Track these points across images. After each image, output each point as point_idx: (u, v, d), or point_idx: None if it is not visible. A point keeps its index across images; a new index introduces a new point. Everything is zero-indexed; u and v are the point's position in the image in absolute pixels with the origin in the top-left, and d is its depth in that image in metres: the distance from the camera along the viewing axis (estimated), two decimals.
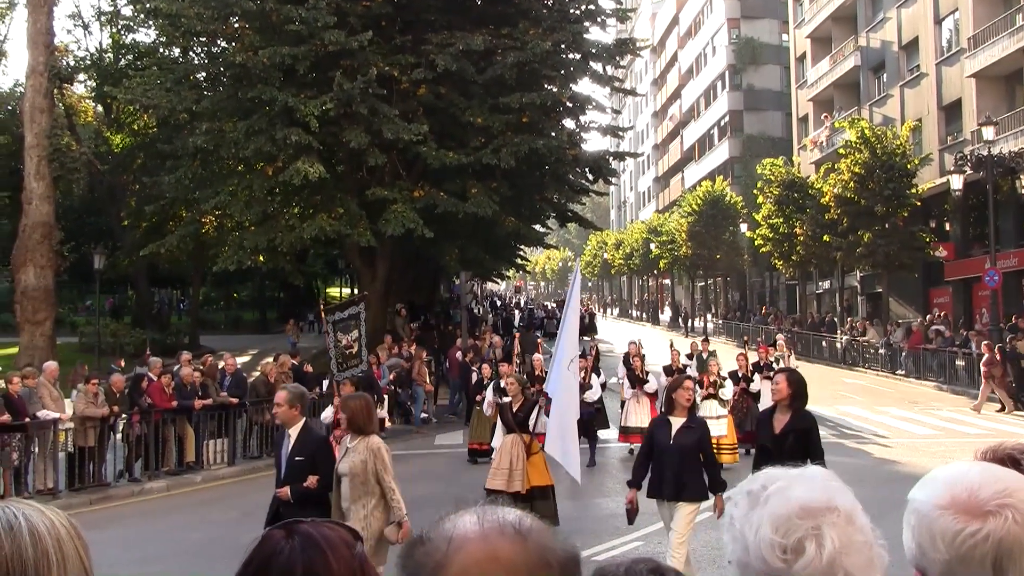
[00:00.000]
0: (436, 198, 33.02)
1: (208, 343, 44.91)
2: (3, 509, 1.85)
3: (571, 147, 36.43)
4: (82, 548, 1.88)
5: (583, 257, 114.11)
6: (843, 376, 40.74)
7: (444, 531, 1.59)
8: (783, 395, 9.89)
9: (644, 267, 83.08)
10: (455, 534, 1.57)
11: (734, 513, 1.98)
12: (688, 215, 65.19)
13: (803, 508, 1.88)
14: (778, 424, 9.94)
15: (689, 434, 10.71)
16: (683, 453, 10.66)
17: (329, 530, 1.97)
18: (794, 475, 1.98)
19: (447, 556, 1.55)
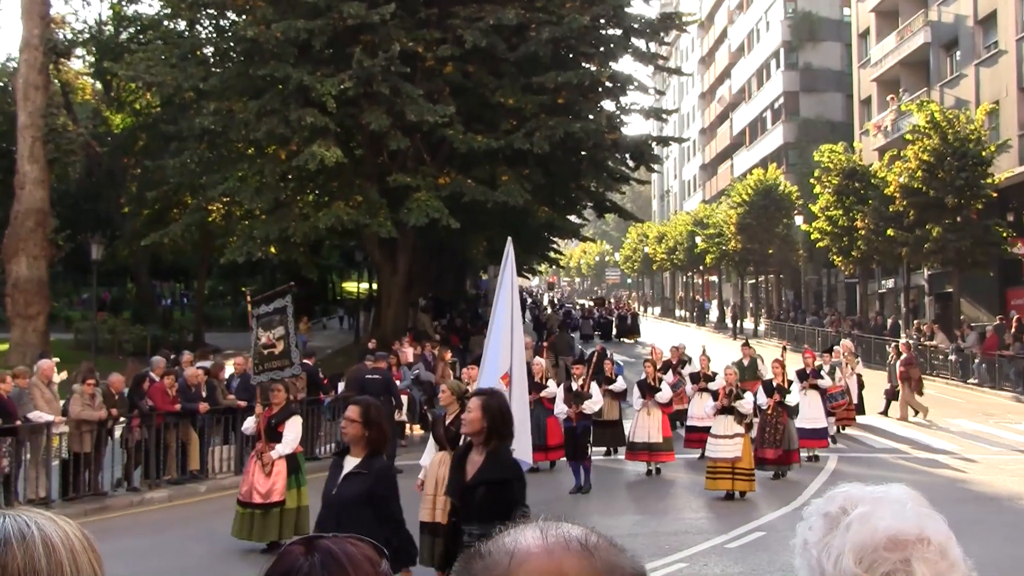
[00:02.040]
0: (463, 185, 33.06)
1: (214, 341, 45.12)
2: (14, 518, 1.87)
3: (610, 131, 36.38)
4: (96, 560, 1.90)
5: (622, 251, 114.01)
6: None
7: (504, 545, 1.58)
8: (475, 427, 7.95)
9: (688, 263, 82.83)
10: (517, 548, 1.56)
11: (808, 537, 1.96)
12: (737, 206, 64.94)
13: (891, 539, 1.85)
14: (471, 469, 8.05)
15: (356, 482, 8.29)
16: (344, 508, 8.24)
17: (352, 546, 1.98)
18: (878, 498, 1.96)
19: (509, 571, 1.54)
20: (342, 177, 34.59)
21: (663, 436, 21.31)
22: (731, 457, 18.49)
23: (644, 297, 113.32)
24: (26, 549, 1.82)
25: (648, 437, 21.20)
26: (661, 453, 21.32)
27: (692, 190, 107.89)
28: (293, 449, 15.21)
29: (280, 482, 15.00)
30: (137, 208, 48.96)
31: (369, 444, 8.29)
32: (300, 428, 15.58)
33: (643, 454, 21.33)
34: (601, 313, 67.74)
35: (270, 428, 15.14)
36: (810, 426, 22.74)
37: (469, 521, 7.72)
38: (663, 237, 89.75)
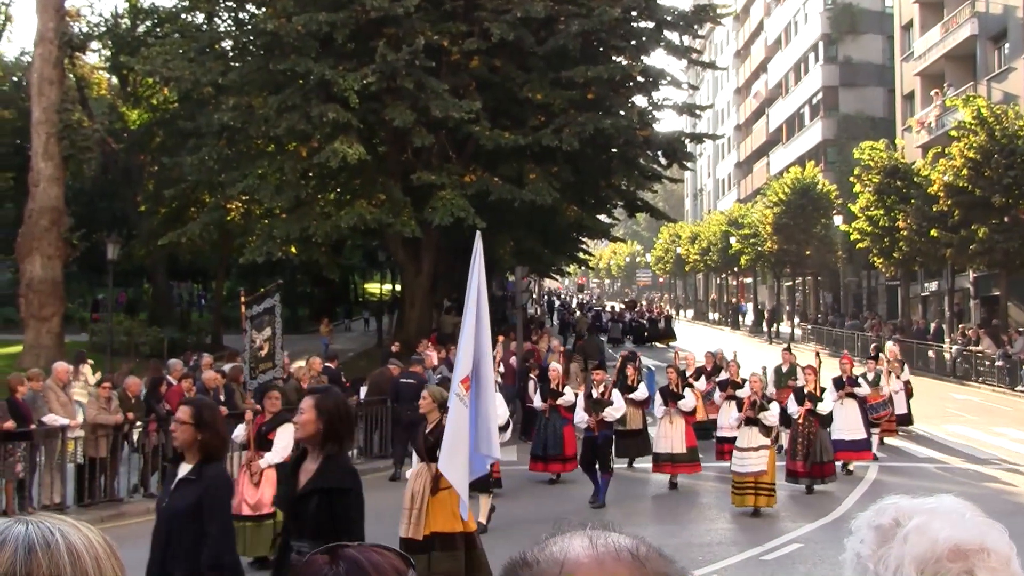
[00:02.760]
0: (489, 184, 33.09)
1: (232, 343, 45.23)
2: (37, 525, 1.88)
3: (642, 127, 36.34)
4: (119, 568, 1.91)
5: (653, 252, 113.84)
6: (952, 391, 40.25)
7: (553, 554, 1.58)
8: (308, 430, 7.23)
9: (723, 264, 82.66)
10: (567, 558, 1.57)
11: (860, 550, 1.96)
12: (774, 205, 64.76)
13: (953, 549, 1.85)
14: (303, 477, 7.36)
15: (186, 491, 7.40)
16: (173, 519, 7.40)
17: (378, 555, 1.98)
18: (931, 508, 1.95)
19: None
20: (365, 175, 34.67)
21: (687, 446, 20.86)
22: (755, 472, 18.10)
23: (676, 300, 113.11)
24: (51, 557, 1.83)
25: (671, 447, 20.77)
26: (684, 464, 20.91)
27: (726, 189, 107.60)
28: (284, 458, 14.85)
29: (270, 493, 14.80)
30: (154, 206, 49.17)
31: (202, 449, 7.40)
32: (292, 436, 15.10)
33: (666, 465, 20.89)
34: (633, 316, 67.65)
35: (260, 436, 15.09)
36: (849, 437, 22.32)
37: (300, 536, 7.16)
38: (696, 237, 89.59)
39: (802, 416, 20.28)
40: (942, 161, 43.88)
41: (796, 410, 20.39)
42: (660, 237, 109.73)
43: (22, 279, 38.65)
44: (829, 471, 20.34)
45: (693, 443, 21.13)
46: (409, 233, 33.02)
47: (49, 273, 37.68)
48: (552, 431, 21.58)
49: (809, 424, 20.26)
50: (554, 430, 21.51)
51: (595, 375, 20.35)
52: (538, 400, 22.25)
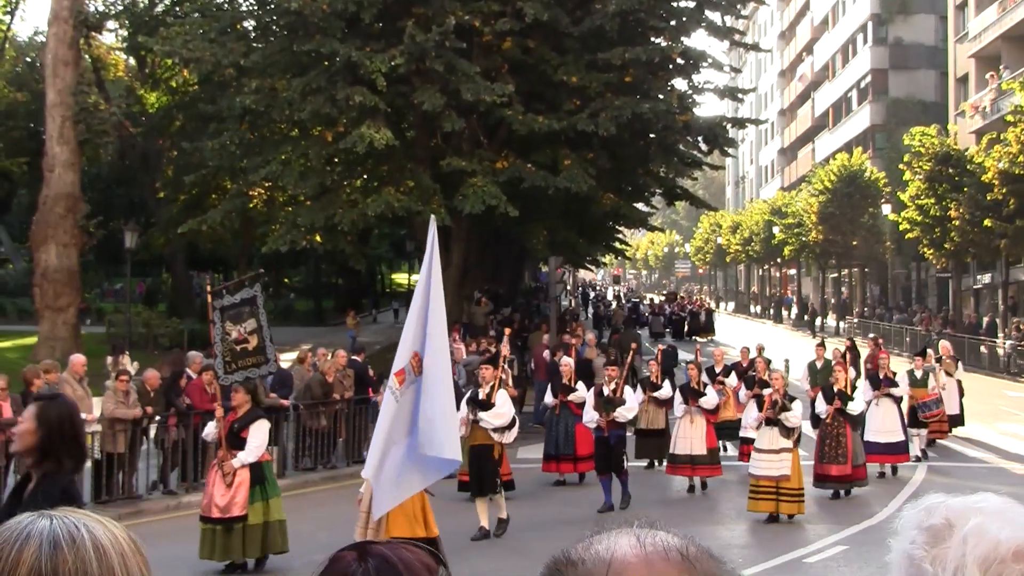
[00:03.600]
0: (522, 170, 33.06)
1: None
2: (62, 520, 1.89)
3: (682, 112, 36.23)
4: (144, 565, 1.92)
5: (693, 242, 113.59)
6: (1006, 389, 40.06)
7: (599, 553, 1.59)
8: (25, 442, 6.32)
9: (765, 254, 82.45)
10: (614, 557, 1.58)
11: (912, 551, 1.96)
12: (819, 193, 64.56)
13: (1018, 551, 1.86)
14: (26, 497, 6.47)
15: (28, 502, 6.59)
16: None
17: (408, 552, 1.98)
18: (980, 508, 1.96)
19: None
20: (392, 161, 34.69)
21: (707, 447, 20.54)
22: (776, 475, 17.66)
23: (716, 292, 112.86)
24: (77, 553, 1.84)
25: (691, 449, 20.41)
26: (704, 467, 20.57)
27: (770, 176, 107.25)
28: (257, 457, 14.88)
29: (241, 495, 14.65)
30: (173, 193, 49.41)
31: (42, 458, 6.32)
32: (266, 434, 15.22)
33: (685, 467, 20.57)
34: (672, 309, 67.58)
35: (232, 434, 14.88)
36: (884, 439, 21.98)
37: None
38: (738, 227, 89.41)
39: (830, 416, 19.87)
40: (997, 147, 43.59)
41: (824, 409, 20.01)
42: (700, 226, 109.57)
43: (37, 268, 38.88)
44: (861, 475, 19.91)
45: (714, 444, 20.91)
46: (439, 222, 32.97)
47: (65, 262, 37.89)
48: (563, 429, 21.40)
49: (839, 424, 19.86)
50: (565, 428, 21.31)
51: (608, 371, 19.82)
52: (549, 396, 22.12)
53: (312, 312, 67.81)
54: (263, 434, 14.97)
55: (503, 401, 16.99)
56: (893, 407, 22.48)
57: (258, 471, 14.88)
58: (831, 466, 19.69)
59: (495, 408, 16.70)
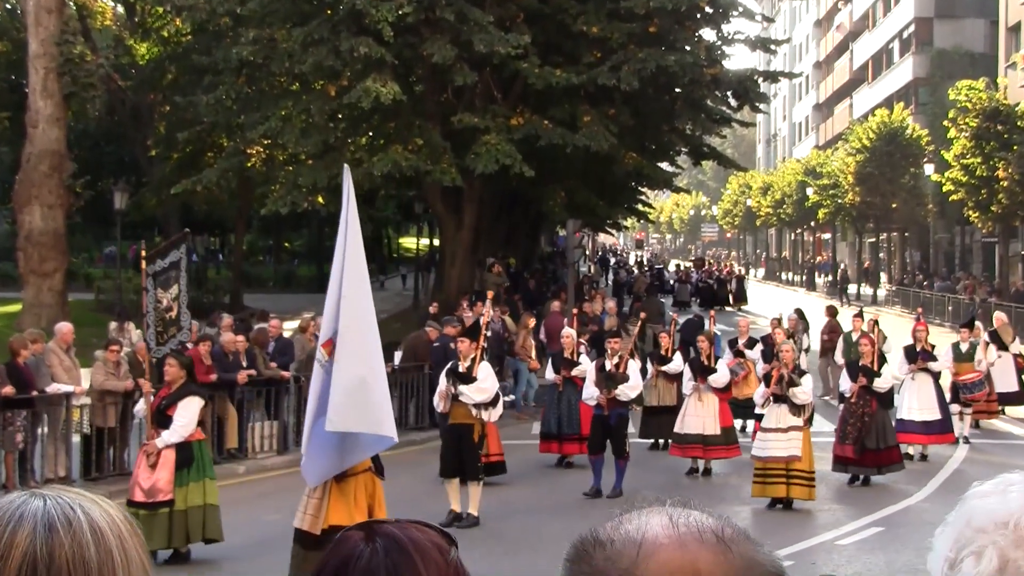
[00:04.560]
0: (538, 127, 33.01)
1: (253, 303, 45.48)
2: (56, 500, 1.89)
3: (710, 65, 36.12)
4: (142, 547, 1.93)
5: (721, 204, 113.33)
6: None
7: (630, 533, 1.59)
8: None
9: (798, 218, 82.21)
10: (645, 538, 1.58)
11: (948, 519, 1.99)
12: (856, 152, 64.26)
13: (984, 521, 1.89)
14: None
15: None
16: None
17: (418, 532, 2.00)
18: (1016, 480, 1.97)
19: (636, 564, 1.55)
20: (400, 117, 34.64)
21: (720, 427, 20.14)
22: (785, 456, 17.20)
23: (746, 257, 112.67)
24: (73, 535, 1.83)
25: (703, 428, 20.01)
26: (719, 448, 20.20)
27: (803, 134, 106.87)
28: (183, 437, 14.46)
29: (165, 478, 14.29)
30: (166, 151, 49.34)
31: None
32: (196, 412, 14.73)
33: (695, 448, 20.19)
34: (700, 276, 67.43)
35: (159, 412, 14.57)
36: (920, 418, 21.59)
37: None
38: (769, 188, 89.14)
39: (855, 394, 19.31)
40: None
41: (849, 387, 19.51)
42: (728, 188, 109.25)
43: (21, 231, 38.82)
44: (887, 459, 19.28)
45: (729, 423, 20.54)
46: (449, 182, 33.01)
47: (50, 224, 37.85)
48: (567, 406, 20.90)
49: (864, 403, 19.25)
50: (568, 405, 20.80)
51: (610, 343, 19.39)
52: (550, 371, 21.56)
53: (315, 278, 67.66)
54: (191, 412, 14.49)
55: (486, 375, 16.61)
56: (930, 383, 22.04)
57: (186, 452, 14.49)
58: (849, 446, 19.15)
59: (477, 382, 16.34)
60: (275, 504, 17.31)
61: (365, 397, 11.13)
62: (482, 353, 16.82)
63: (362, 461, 11.93)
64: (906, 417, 21.53)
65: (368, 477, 12.11)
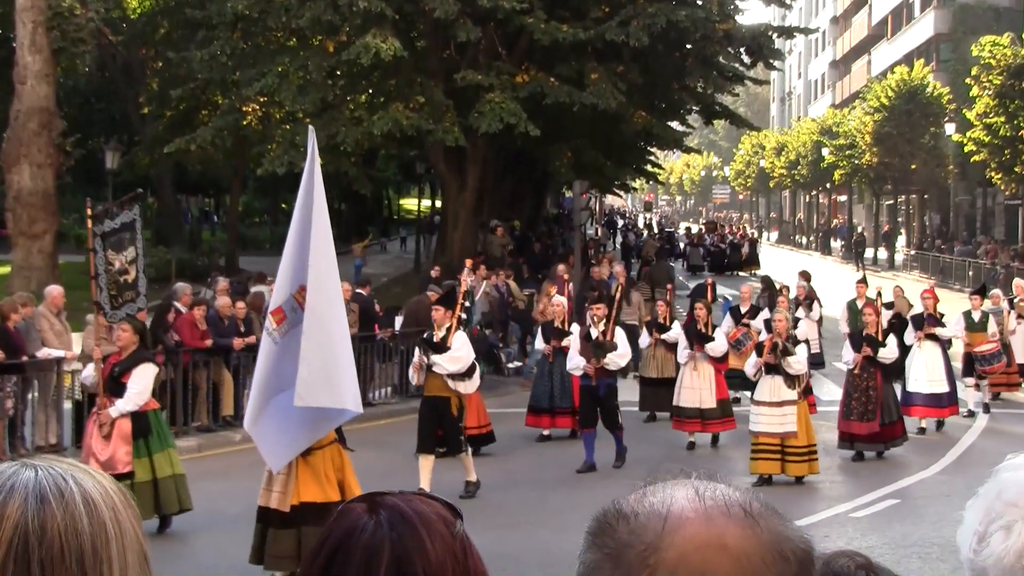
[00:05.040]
0: (544, 85, 32.93)
1: (249, 265, 45.41)
2: (48, 471, 1.89)
3: (722, 20, 35.98)
4: (136, 519, 1.94)
5: (733, 165, 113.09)
6: None
7: (654, 506, 1.60)
8: None
9: (814, 179, 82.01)
10: (671, 511, 1.58)
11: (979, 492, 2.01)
12: (874, 111, 64.07)
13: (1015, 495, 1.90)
14: None
15: None
16: None
17: (423, 504, 2.00)
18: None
19: (661, 537, 1.55)
20: (401, 74, 34.55)
21: (716, 399, 19.85)
22: (779, 432, 16.89)
23: (759, 220, 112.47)
24: (66, 508, 1.83)
25: (700, 402, 19.77)
26: (714, 422, 19.97)
27: (819, 92, 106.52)
28: (137, 406, 14.20)
29: (122, 449, 14.05)
30: (159, 109, 49.23)
31: None
32: (150, 379, 14.48)
33: (693, 422, 19.95)
34: (712, 240, 67.37)
35: (112, 379, 14.27)
36: (928, 390, 21.14)
37: None
38: (783, 148, 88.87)
39: (858, 365, 18.84)
40: None
41: (851, 358, 19.03)
42: (741, 148, 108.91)
43: (9, 191, 38.77)
44: (890, 434, 18.91)
45: (724, 395, 20.18)
46: (452, 142, 32.95)
47: (40, 184, 37.79)
48: (559, 378, 20.30)
49: (868, 376, 18.82)
50: (561, 377, 20.14)
51: (594, 309, 18.83)
52: (539, 341, 21.00)
53: None
54: (146, 380, 14.24)
55: (460, 344, 16.26)
56: (937, 352, 21.60)
57: (143, 422, 14.29)
58: (857, 423, 18.71)
59: (450, 351, 16.04)
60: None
61: (336, 370, 11.00)
62: (459, 323, 16.61)
63: (327, 434, 11.79)
64: (912, 390, 21.18)
65: (335, 449, 12.03)
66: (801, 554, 1.60)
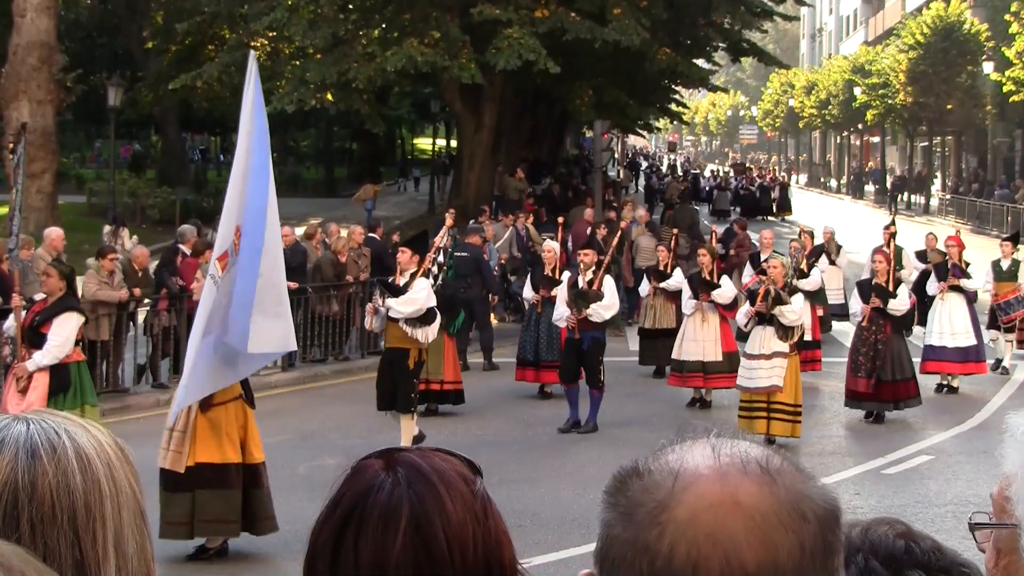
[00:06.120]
0: (564, 20, 32.83)
1: None
2: (40, 424, 1.87)
3: None
4: (133, 476, 1.92)
5: (761, 104, 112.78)
6: None
7: (668, 463, 1.58)
8: None
9: (845, 119, 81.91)
10: (684, 468, 1.56)
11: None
12: (909, 49, 63.83)
13: None
14: None
15: None
16: None
17: (441, 460, 1.98)
18: None
19: (672, 495, 1.54)
20: (415, 8, 34.45)
21: (723, 351, 19.07)
22: (764, 386, 16.36)
23: (788, 162, 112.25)
24: (58, 463, 1.82)
25: (703, 354, 19.02)
26: (719, 376, 19.06)
27: (851, 28, 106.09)
28: (57, 358, 13.77)
29: (36, 404, 13.02)
30: (163, 44, 49.16)
31: None
32: (73, 329, 13.99)
33: (695, 377, 19.32)
34: (741, 182, 67.24)
35: (32, 329, 13.85)
36: (952, 344, 20.43)
37: None
38: (813, 87, 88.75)
39: (866, 318, 18.18)
40: None
41: (859, 309, 18.46)
42: (769, 86, 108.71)
43: (7, 128, 38.81)
44: (904, 392, 18.24)
45: (732, 347, 19.16)
46: (468, 79, 32.88)
47: (39, 121, 37.80)
48: (546, 329, 19.73)
49: (877, 329, 18.17)
50: (548, 328, 19.54)
51: (581, 256, 18.35)
52: (528, 290, 20.42)
53: (323, 181, 67.84)
54: (68, 330, 13.82)
55: (420, 287, 15.87)
56: (963, 304, 20.92)
57: (62, 375, 13.92)
58: (862, 380, 18.13)
59: (408, 293, 15.70)
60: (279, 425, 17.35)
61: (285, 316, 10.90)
62: (425, 272, 16.27)
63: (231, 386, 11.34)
64: (937, 343, 20.57)
65: (238, 406, 11.57)
66: (823, 513, 1.56)
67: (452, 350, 18.53)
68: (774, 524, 1.51)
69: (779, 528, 1.51)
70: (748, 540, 1.49)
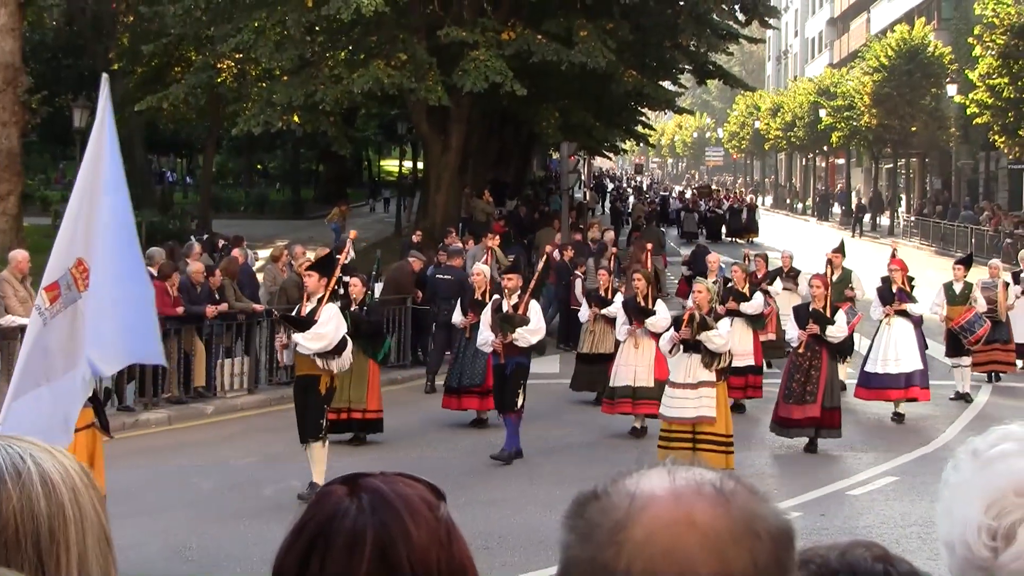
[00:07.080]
0: (531, 42, 32.88)
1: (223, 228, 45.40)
2: (5, 448, 1.87)
3: None
4: (98, 501, 1.91)
5: (727, 126, 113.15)
6: None
7: (625, 487, 1.63)
8: None
9: (810, 141, 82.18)
10: (640, 490, 1.61)
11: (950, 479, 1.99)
12: (874, 71, 64.11)
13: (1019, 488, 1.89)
14: None
15: None
16: None
17: (405, 486, 1.99)
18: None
19: (629, 515, 1.58)
20: (382, 30, 34.45)
21: (654, 379, 18.05)
22: (692, 417, 15.48)
23: (753, 184, 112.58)
24: (22, 488, 1.81)
25: (633, 379, 18.36)
26: (647, 403, 18.00)
27: (817, 51, 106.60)
28: None
29: None
30: (130, 65, 49.09)
31: None
32: None
33: (624, 403, 18.60)
34: (708, 205, 67.40)
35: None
36: (896, 370, 19.79)
37: None
38: (779, 109, 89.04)
39: (803, 344, 17.47)
40: None
41: (795, 335, 17.70)
42: (735, 109, 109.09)
43: None
44: (828, 421, 17.41)
45: (664, 375, 17.61)
46: (435, 101, 32.90)
47: (4, 143, 37.60)
48: (472, 355, 19.11)
49: (812, 355, 17.48)
50: (474, 353, 18.93)
51: (506, 280, 17.80)
52: (457, 314, 19.61)
53: (290, 203, 67.81)
54: None
55: (327, 318, 15.03)
56: (909, 328, 20.32)
57: None
58: (795, 407, 17.37)
59: (315, 327, 14.83)
60: (245, 447, 17.31)
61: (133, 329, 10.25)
62: (331, 295, 15.55)
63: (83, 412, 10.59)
64: (879, 371, 19.96)
65: (90, 435, 11.16)
66: (776, 532, 1.61)
67: (376, 377, 18.04)
68: (728, 542, 1.55)
69: (732, 545, 1.55)
70: (703, 557, 1.53)
